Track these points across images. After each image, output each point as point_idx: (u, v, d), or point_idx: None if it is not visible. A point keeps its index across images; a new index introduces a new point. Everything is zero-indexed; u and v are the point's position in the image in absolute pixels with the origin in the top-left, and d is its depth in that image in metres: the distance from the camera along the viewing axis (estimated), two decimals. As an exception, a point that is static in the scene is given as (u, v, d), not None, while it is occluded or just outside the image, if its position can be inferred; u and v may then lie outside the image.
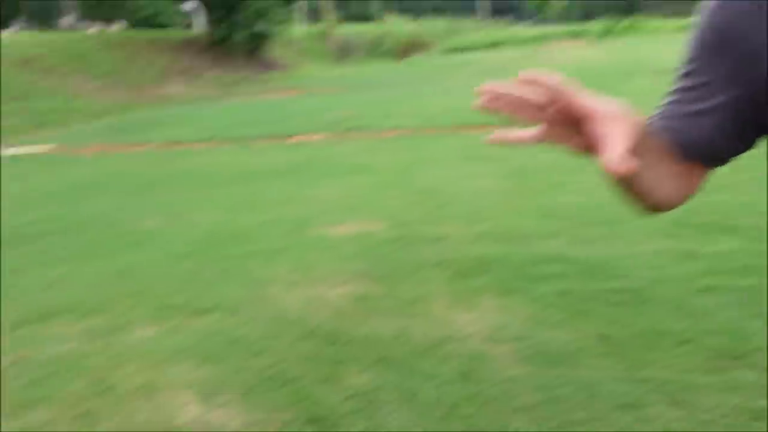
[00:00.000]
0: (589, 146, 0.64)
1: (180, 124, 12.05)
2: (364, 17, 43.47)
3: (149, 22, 26.42)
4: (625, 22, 34.41)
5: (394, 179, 6.23)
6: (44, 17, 28.58)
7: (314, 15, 36.96)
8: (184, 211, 5.65)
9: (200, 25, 26.16)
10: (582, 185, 5.04)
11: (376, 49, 30.63)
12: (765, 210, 3.78)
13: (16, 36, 21.48)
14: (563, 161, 4.46)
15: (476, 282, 3.47)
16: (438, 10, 49.55)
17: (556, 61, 18.59)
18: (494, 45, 29.86)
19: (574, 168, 4.88)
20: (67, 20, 28.05)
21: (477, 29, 44.57)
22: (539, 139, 0.66)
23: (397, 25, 37.78)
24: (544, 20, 37.67)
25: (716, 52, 0.74)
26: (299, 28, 30.19)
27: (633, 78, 11.36)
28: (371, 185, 6.07)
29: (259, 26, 23.22)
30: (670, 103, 0.79)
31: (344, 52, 28.90)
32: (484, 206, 4.95)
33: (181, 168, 7.95)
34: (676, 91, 0.79)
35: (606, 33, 31.89)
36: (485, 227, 4.42)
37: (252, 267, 3.97)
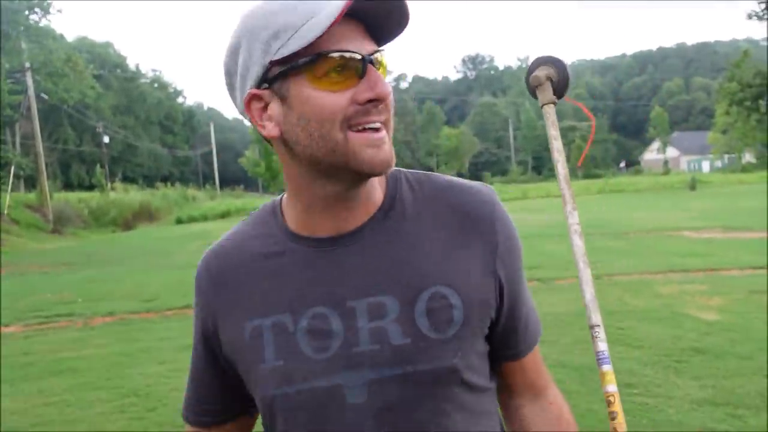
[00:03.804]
0: None
1: None
2: (89, 185, 41.39)
3: None
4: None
5: (101, 380, 5.57)
6: None
7: (29, 182, 34.16)
8: None
9: None
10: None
11: (101, 219, 28.97)
12: None
13: None
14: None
15: None
16: (170, 179, 49.32)
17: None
18: (225, 215, 30.36)
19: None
20: None
21: (210, 198, 45.16)
22: None
23: (125, 193, 36.53)
24: (276, 191, 39.79)
25: None
26: (7, 196, 27.44)
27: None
28: (72, 388, 5.34)
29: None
30: None
31: (63, 222, 26.74)
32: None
33: None
34: None
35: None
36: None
37: None
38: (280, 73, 0.84)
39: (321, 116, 0.83)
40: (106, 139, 52.21)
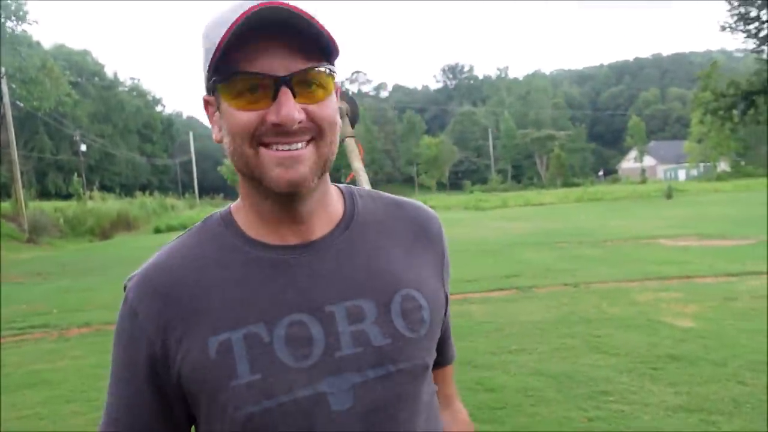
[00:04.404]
0: None
1: None
2: (66, 194, 40.90)
3: None
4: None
5: (75, 393, 5.49)
6: None
7: (3, 190, 33.67)
8: None
9: None
10: None
11: (77, 228, 28.59)
12: None
13: None
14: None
15: None
16: (148, 187, 48.84)
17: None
18: (205, 224, 30.18)
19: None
20: None
21: (189, 207, 44.79)
22: None
23: (102, 202, 36.10)
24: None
25: None
26: (-18, 206, 27.01)
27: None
28: (46, 401, 5.26)
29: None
30: None
31: (38, 232, 26.34)
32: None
33: None
34: None
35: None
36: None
37: None
38: (211, 86, 0.87)
39: (234, 132, 0.85)
40: (83, 148, 51.61)
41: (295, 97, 0.83)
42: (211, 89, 0.88)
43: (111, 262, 16.97)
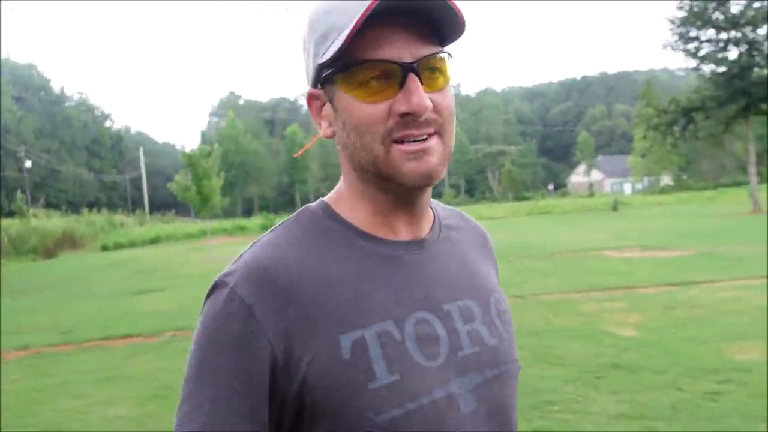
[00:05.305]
0: None
1: None
2: (8, 211, 39.53)
3: None
4: (283, 217, 37.34)
5: (12, 418, 5.26)
6: None
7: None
8: None
9: None
10: None
11: (20, 247, 27.60)
12: None
13: None
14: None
15: None
16: (97, 204, 47.60)
17: (213, 258, 18.95)
18: (155, 241, 29.48)
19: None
20: None
21: (139, 224, 43.77)
22: None
23: (47, 220, 34.97)
24: (207, 216, 38.91)
25: None
26: None
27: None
28: (-21, 428, 5.03)
29: None
30: None
31: (-23, 251, 25.33)
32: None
33: None
34: None
35: (265, 228, 34.08)
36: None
37: None
38: (327, 77, 0.82)
39: (360, 128, 0.80)
40: (28, 164, 50.05)
41: (422, 84, 0.78)
42: (322, 81, 0.83)
43: (53, 281, 16.45)
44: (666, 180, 61.86)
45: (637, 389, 4.84)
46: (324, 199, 0.91)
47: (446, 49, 0.83)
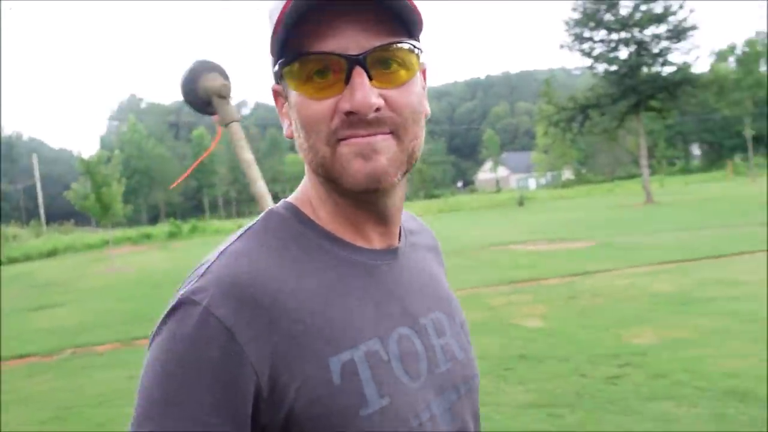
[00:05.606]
0: None
1: None
2: None
3: None
4: (191, 223, 36.30)
5: None
6: None
7: None
8: None
9: None
10: None
11: None
12: None
13: None
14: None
15: None
16: (-15, 217, 44.57)
17: (116, 270, 18.16)
18: (52, 253, 27.87)
19: None
20: None
21: (35, 236, 41.28)
22: None
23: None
24: (110, 225, 37.21)
25: None
26: None
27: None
28: None
29: None
30: None
31: None
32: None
33: None
34: None
35: (172, 236, 32.98)
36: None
37: None
38: (277, 72, 0.75)
39: (306, 127, 0.73)
40: None
41: (371, 79, 0.70)
42: (278, 75, 0.76)
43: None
44: (567, 174, 64.85)
45: (544, 378, 5.02)
46: (288, 200, 0.83)
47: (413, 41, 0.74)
